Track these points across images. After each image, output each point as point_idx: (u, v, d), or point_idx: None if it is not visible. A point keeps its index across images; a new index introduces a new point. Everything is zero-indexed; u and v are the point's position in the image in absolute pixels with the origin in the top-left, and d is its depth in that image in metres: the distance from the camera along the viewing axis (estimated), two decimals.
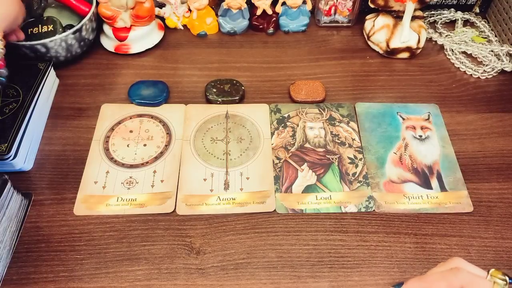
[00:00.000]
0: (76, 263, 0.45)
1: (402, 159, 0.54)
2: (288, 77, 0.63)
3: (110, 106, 0.59)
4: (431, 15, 0.72)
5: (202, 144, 0.55)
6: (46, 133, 0.56)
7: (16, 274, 0.44)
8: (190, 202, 0.50)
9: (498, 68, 0.64)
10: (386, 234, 0.48)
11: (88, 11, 0.61)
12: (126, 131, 0.56)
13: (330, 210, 0.49)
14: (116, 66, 0.64)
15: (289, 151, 0.54)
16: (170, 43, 0.68)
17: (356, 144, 0.55)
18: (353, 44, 0.68)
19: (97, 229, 0.47)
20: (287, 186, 0.51)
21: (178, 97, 0.60)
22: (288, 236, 0.47)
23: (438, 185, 0.51)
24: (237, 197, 0.50)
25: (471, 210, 0.49)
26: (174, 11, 0.68)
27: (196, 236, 0.47)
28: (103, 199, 0.50)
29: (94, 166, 0.52)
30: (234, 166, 0.53)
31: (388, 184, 0.51)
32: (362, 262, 0.46)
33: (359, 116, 0.58)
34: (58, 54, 0.59)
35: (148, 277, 0.44)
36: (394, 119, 0.58)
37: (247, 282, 0.44)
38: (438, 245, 0.47)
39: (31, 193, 0.50)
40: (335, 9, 0.69)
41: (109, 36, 0.64)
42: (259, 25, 0.69)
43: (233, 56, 0.66)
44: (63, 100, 0.59)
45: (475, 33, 0.69)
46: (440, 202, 0.50)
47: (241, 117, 0.58)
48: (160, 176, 0.52)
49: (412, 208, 0.50)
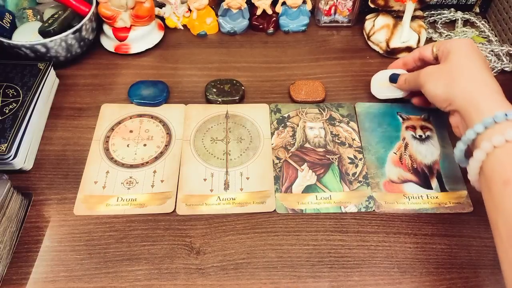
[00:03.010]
0: (76, 263, 0.45)
1: (402, 159, 0.54)
2: (288, 77, 0.63)
3: (110, 106, 0.59)
4: (431, 15, 0.72)
5: (202, 144, 0.55)
6: (46, 133, 0.56)
7: (16, 274, 0.44)
8: (190, 202, 0.50)
9: (498, 68, 0.64)
10: (386, 234, 0.48)
11: (88, 11, 0.61)
12: (126, 131, 0.56)
13: (330, 210, 0.49)
14: (116, 66, 0.64)
15: (289, 151, 0.54)
16: (170, 43, 0.68)
17: (356, 144, 0.55)
18: (353, 44, 0.68)
19: (97, 229, 0.48)
20: (287, 186, 0.51)
21: (178, 97, 0.60)
22: (288, 236, 0.47)
23: (438, 185, 0.51)
24: (237, 197, 0.50)
25: (471, 210, 0.49)
26: (174, 11, 0.68)
27: (196, 236, 0.47)
28: (103, 199, 0.50)
29: (94, 166, 0.52)
30: (234, 166, 0.53)
31: (388, 184, 0.51)
32: (362, 262, 0.46)
33: (359, 116, 0.58)
34: (58, 54, 0.59)
35: (148, 277, 0.44)
36: (394, 119, 0.58)
37: (247, 282, 0.44)
38: (438, 245, 0.47)
39: (31, 193, 0.50)
40: (335, 9, 0.69)
41: (109, 36, 0.64)
42: (259, 25, 0.69)
43: (233, 56, 0.66)
44: (63, 100, 0.59)
45: (475, 33, 0.69)
46: (440, 202, 0.50)
47: (241, 117, 0.58)
48: (160, 176, 0.52)
49: (412, 208, 0.50)
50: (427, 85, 0.49)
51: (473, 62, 0.46)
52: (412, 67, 0.57)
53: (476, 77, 0.45)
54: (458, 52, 0.48)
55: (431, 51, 0.52)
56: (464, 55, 0.48)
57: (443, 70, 0.48)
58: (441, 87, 0.47)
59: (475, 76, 0.45)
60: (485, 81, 0.44)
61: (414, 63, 0.56)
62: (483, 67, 0.46)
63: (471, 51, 0.48)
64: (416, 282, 0.44)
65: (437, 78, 0.48)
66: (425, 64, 0.54)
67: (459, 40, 0.50)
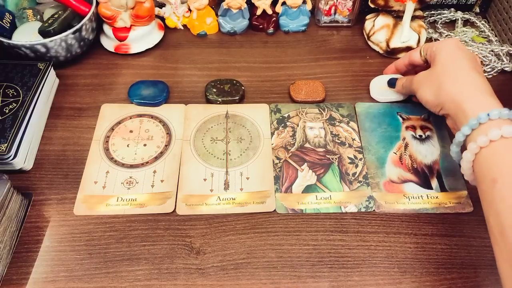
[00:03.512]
0: (76, 263, 0.45)
1: (402, 159, 0.54)
2: (288, 77, 0.63)
3: (110, 106, 0.59)
4: (431, 15, 0.72)
5: (202, 144, 0.55)
6: (46, 133, 0.56)
7: (16, 274, 0.44)
8: (190, 202, 0.50)
9: (498, 68, 0.64)
10: (386, 234, 0.48)
11: (88, 11, 0.61)
12: (126, 131, 0.56)
13: (330, 210, 0.49)
14: (116, 66, 0.64)
15: (289, 151, 0.54)
16: (170, 43, 0.68)
17: (356, 144, 0.55)
18: (353, 44, 0.68)
19: (97, 229, 0.47)
20: (287, 186, 0.51)
21: (178, 97, 0.60)
22: (288, 236, 0.47)
23: (438, 185, 0.51)
24: (237, 197, 0.50)
25: (471, 210, 0.49)
26: (174, 11, 0.68)
27: (196, 236, 0.47)
28: (103, 199, 0.50)
29: (94, 166, 0.52)
30: (234, 166, 0.53)
31: (388, 184, 0.51)
32: (362, 262, 0.46)
33: (359, 116, 0.58)
34: (58, 54, 0.59)
35: (148, 277, 0.44)
36: (394, 119, 0.58)
37: (247, 282, 0.44)
38: (438, 245, 0.47)
39: (31, 193, 0.50)
40: (335, 9, 0.69)
41: (109, 36, 0.64)
42: (259, 25, 0.69)
43: (233, 56, 0.66)
44: (63, 100, 0.59)
45: (475, 33, 0.69)
46: (440, 202, 0.50)
47: (241, 117, 0.58)
48: (160, 176, 0.52)
49: (412, 208, 0.50)
50: (419, 92, 0.50)
51: (456, 63, 0.47)
52: (405, 72, 0.58)
53: (459, 79, 0.45)
54: (442, 54, 0.49)
55: (420, 55, 0.53)
56: (447, 57, 0.48)
57: (431, 75, 0.49)
58: (430, 94, 0.48)
59: (458, 78, 0.46)
60: (469, 80, 0.45)
61: (405, 68, 0.57)
62: (468, 66, 0.46)
63: (455, 51, 0.48)
64: (416, 282, 0.44)
65: (426, 85, 0.49)
66: (416, 68, 0.55)
67: (443, 42, 0.50)
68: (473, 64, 0.47)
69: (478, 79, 0.45)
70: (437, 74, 0.48)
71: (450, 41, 0.50)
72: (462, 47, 0.49)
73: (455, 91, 0.45)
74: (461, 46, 0.49)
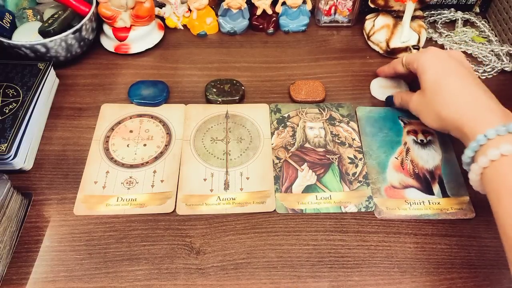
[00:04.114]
0: (76, 263, 0.45)
1: (403, 164, 0.53)
2: (288, 77, 0.63)
3: (110, 106, 0.59)
4: (431, 15, 0.72)
5: (202, 144, 0.55)
6: (46, 133, 0.56)
7: (16, 274, 0.44)
8: (190, 202, 0.50)
9: (498, 68, 0.64)
10: (386, 234, 0.48)
11: (88, 11, 0.61)
12: (126, 131, 0.56)
13: (330, 210, 0.49)
14: (116, 66, 0.64)
15: (289, 151, 0.54)
16: (170, 43, 0.68)
17: (356, 144, 0.55)
18: (353, 44, 0.68)
19: (97, 229, 0.47)
20: (287, 186, 0.51)
21: (178, 97, 0.60)
22: (288, 236, 0.47)
23: (439, 191, 0.51)
24: (237, 197, 0.50)
25: (473, 216, 0.49)
26: (174, 11, 0.68)
27: (196, 236, 0.47)
28: (103, 199, 0.50)
29: (94, 166, 0.52)
30: (234, 166, 0.53)
31: (389, 190, 0.51)
32: (362, 262, 0.46)
33: (360, 120, 0.58)
34: (58, 54, 0.59)
35: (148, 277, 0.44)
36: (395, 123, 0.57)
37: (247, 282, 0.44)
38: (438, 245, 0.47)
39: (31, 193, 0.50)
40: (335, 9, 0.69)
41: (109, 36, 0.64)
42: (259, 25, 0.69)
43: (233, 56, 0.66)
44: (63, 100, 0.59)
45: (475, 33, 0.69)
46: (442, 208, 0.50)
47: (241, 117, 0.58)
48: (160, 176, 0.52)
49: (414, 214, 0.49)
50: (421, 119, 0.51)
51: (443, 85, 0.47)
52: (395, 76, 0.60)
53: (454, 104, 0.45)
54: (428, 76, 0.49)
55: (402, 66, 0.55)
56: (434, 80, 0.48)
57: (426, 104, 0.49)
58: (432, 120, 0.49)
59: (451, 103, 0.46)
60: (463, 102, 0.45)
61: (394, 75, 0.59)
62: (456, 85, 0.46)
63: (439, 70, 0.48)
64: (416, 282, 0.44)
65: (424, 112, 0.50)
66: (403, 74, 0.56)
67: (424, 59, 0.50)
68: (460, 75, 0.47)
69: (470, 96, 0.45)
70: (431, 102, 0.48)
71: (430, 55, 0.50)
72: (443, 56, 0.49)
73: (453, 118, 0.45)
74: (441, 57, 0.49)
